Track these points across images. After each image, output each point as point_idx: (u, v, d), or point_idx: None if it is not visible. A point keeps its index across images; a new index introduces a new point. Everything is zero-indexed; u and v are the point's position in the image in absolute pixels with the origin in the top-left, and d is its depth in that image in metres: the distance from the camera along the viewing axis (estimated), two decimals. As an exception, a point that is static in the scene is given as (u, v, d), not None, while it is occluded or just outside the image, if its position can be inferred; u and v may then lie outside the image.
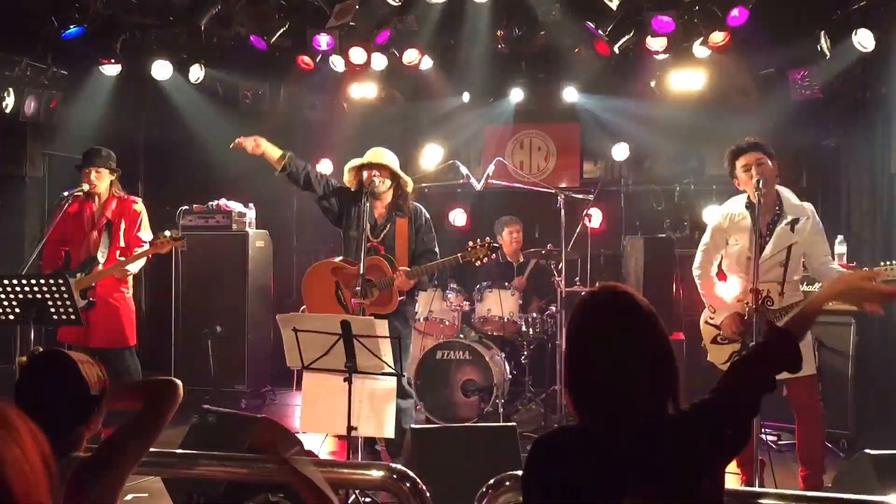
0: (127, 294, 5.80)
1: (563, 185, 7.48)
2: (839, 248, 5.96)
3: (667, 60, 6.94)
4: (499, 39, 6.98)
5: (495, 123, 8.65)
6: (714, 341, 4.64)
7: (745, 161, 4.50)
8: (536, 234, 8.08)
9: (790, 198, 4.59)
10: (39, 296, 4.70)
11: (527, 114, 8.52)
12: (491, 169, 6.15)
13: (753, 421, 2.70)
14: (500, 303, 6.59)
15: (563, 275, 6.25)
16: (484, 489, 2.75)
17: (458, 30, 6.79)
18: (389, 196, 5.36)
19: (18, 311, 4.72)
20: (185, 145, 8.17)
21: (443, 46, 7.21)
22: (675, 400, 1.92)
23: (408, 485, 2.84)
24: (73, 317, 4.80)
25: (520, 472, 2.35)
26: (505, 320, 6.60)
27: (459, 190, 7.64)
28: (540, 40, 6.95)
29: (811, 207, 4.60)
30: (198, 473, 3.15)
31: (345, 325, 3.95)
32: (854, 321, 5.72)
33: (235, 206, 7.59)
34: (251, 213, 7.67)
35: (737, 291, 4.61)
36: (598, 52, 6.80)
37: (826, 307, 2.28)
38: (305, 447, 3.45)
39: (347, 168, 5.37)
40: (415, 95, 8.14)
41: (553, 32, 6.68)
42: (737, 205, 4.68)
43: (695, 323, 4.88)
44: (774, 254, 4.43)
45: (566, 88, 7.86)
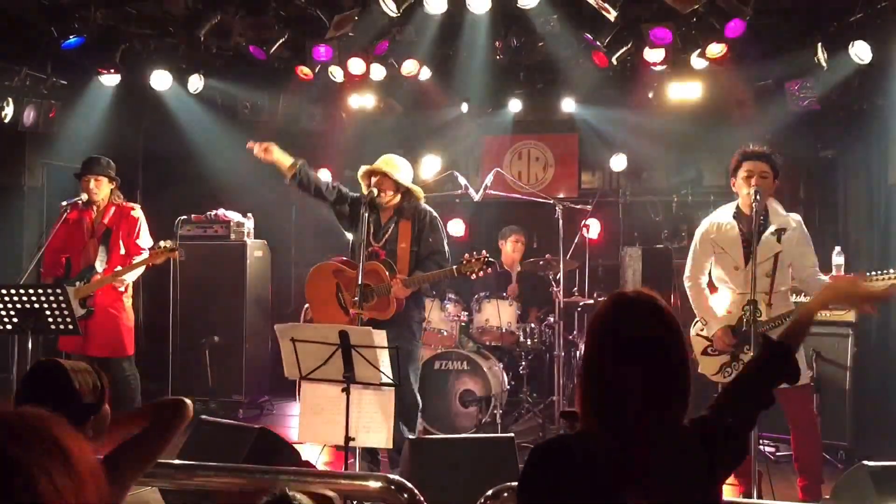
0: (126, 303, 5.81)
1: (562, 196, 7.49)
2: (837, 259, 5.94)
3: (665, 72, 6.96)
4: (497, 50, 6.99)
5: (494, 134, 8.68)
6: (705, 353, 4.63)
7: (750, 168, 4.48)
8: (535, 245, 8.08)
9: (777, 208, 4.58)
10: (37, 305, 4.69)
11: (525, 124, 8.55)
12: (489, 179, 6.15)
13: (751, 434, 2.70)
14: (499, 313, 6.59)
15: (562, 285, 6.25)
16: (482, 500, 2.74)
17: (457, 40, 6.79)
18: (397, 204, 5.29)
19: (16, 321, 4.71)
20: (184, 155, 8.16)
21: (441, 57, 7.22)
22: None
23: (405, 495, 2.84)
24: (71, 326, 4.80)
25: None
26: (503, 330, 6.59)
27: (458, 200, 7.64)
28: (538, 51, 6.96)
29: (798, 218, 4.59)
30: (196, 484, 3.15)
31: (343, 336, 3.95)
32: (852, 332, 5.66)
33: (234, 216, 7.59)
34: (249, 223, 7.67)
35: (727, 303, 4.61)
36: (597, 64, 6.82)
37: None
38: (303, 458, 3.45)
39: (360, 174, 5.34)
40: (413, 106, 8.15)
41: (551, 43, 6.69)
42: (724, 214, 4.67)
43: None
44: (760, 262, 4.40)
45: (564, 99, 7.89)
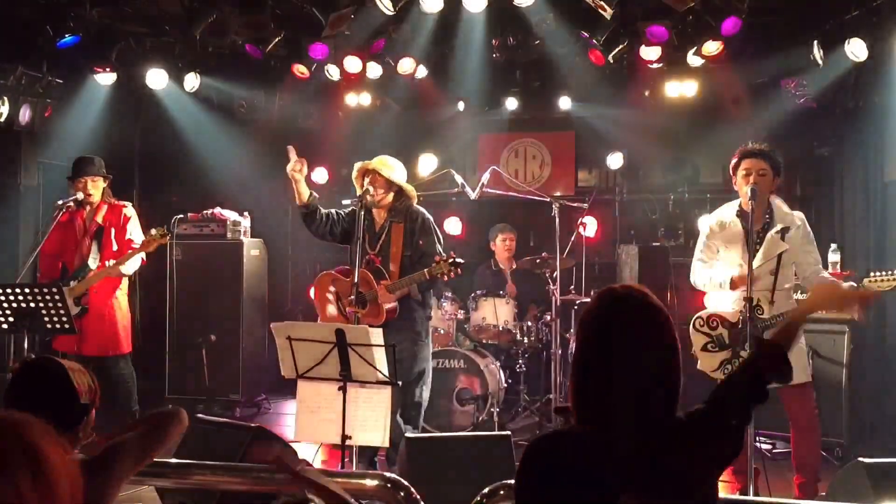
0: (121, 301, 5.80)
1: (558, 194, 7.48)
2: (832, 257, 5.96)
3: (661, 70, 6.97)
4: (494, 48, 7.00)
5: (490, 132, 8.68)
6: (704, 349, 4.62)
7: (749, 166, 4.49)
8: (531, 243, 8.09)
9: (781, 206, 4.59)
10: (33, 304, 4.69)
11: (522, 122, 8.54)
12: (486, 177, 6.15)
13: (747, 430, 2.70)
14: (495, 311, 6.60)
15: (558, 283, 6.26)
16: (479, 498, 2.74)
17: (453, 39, 6.79)
18: (389, 203, 5.28)
19: (12, 321, 4.70)
20: (180, 154, 8.15)
21: (438, 55, 7.22)
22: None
23: (402, 494, 2.84)
24: (67, 325, 4.79)
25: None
26: (500, 329, 6.60)
27: (454, 199, 7.64)
28: (535, 49, 6.97)
29: (802, 216, 4.61)
30: (192, 483, 3.14)
31: (339, 334, 3.95)
32: (848, 330, 5.68)
33: (230, 215, 7.58)
34: (246, 222, 7.65)
35: (730, 300, 4.62)
36: (593, 62, 6.82)
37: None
38: (299, 456, 3.45)
39: (354, 175, 5.33)
40: (410, 104, 8.14)
41: (548, 42, 6.69)
42: (728, 212, 4.68)
43: (687, 331, 4.87)
44: (764, 262, 4.42)
45: (561, 97, 7.89)
